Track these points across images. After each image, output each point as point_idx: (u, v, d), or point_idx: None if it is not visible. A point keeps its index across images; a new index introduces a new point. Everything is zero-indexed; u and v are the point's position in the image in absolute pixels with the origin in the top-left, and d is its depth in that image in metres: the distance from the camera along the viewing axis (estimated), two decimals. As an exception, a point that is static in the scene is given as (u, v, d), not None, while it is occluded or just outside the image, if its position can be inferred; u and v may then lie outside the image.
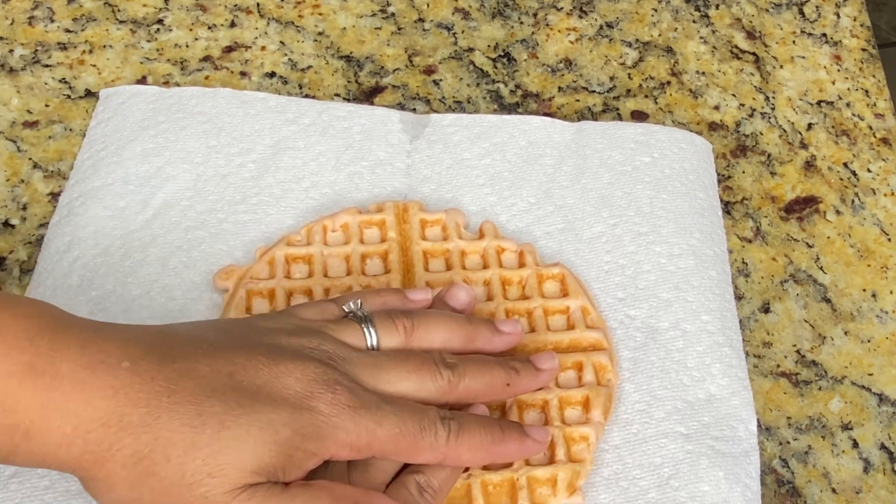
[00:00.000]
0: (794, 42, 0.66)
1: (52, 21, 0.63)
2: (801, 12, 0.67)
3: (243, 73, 0.62)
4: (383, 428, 0.39)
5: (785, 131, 0.61)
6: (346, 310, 0.44)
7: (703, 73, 0.64)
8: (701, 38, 0.66)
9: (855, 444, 0.50)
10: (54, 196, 0.55)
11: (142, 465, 0.36)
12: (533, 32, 0.65)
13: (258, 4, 0.65)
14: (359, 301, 0.44)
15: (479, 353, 0.45)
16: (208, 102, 0.58)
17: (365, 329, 0.43)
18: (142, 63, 0.62)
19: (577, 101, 0.62)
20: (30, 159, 0.57)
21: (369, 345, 0.43)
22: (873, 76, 0.64)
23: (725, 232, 0.56)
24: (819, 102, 0.63)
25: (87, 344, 0.37)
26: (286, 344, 0.40)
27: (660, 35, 0.66)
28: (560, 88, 0.62)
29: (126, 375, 0.37)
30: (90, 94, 0.60)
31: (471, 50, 0.64)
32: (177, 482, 0.36)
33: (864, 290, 0.55)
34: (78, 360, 0.36)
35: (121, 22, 0.64)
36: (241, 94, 0.58)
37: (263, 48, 0.63)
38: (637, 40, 0.65)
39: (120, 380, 0.36)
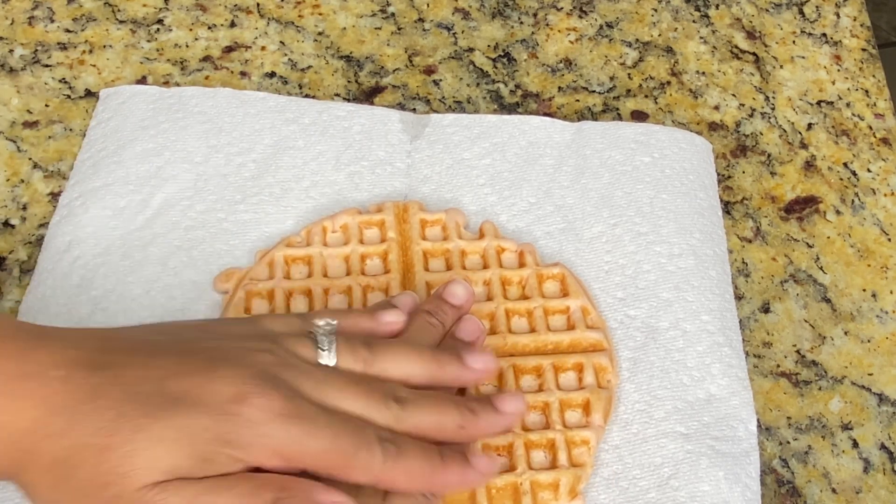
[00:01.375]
0: (794, 42, 0.66)
1: (52, 21, 0.63)
2: (801, 12, 0.67)
3: (243, 73, 0.62)
4: (316, 441, 0.38)
5: (785, 131, 0.61)
6: (314, 327, 0.42)
7: (703, 73, 0.64)
8: (701, 38, 0.66)
9: (855, 444, 0.50)
10: (54, 196, 0.56)
11: (60, 469, 0.36)
12: (533, 32, 0.65)
13: (258, 4, 0.65)
14: (328, 320, 0.43)
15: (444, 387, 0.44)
16: (208, 102, 0.58)
17: (324, 350, 0.41)
18: (142, 63, 0.62)
19: (577, 101, 0.62)
20: (30, 159, 0.57)
21: (321, 361, 0.41)
22: (873, 76, 0.64)
23: (725, 232, 0.56)
24: (819, 102, 0.63)
25: (23, 355, 0.38)
26: (230, 348, 0.40)
27: (660, 35, 0.66)
28: (560, 88, 0.62)
29: (56, 384, 0.37)
30: (90, 94, 0.60)
31: (471, 50, 0.64)
32: (91, 483, 0.36)
33: (864, 290, 0.55)
34: (12, 371, 0.37)
35: (121, 22, 0.64)
36: (241, 93, 0.58)
37: (263, 48, 0.63)
38: (637, 40, 0.65)
39: (48, 388, 0.37)
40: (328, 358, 0.41)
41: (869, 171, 0.60)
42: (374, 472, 0.39)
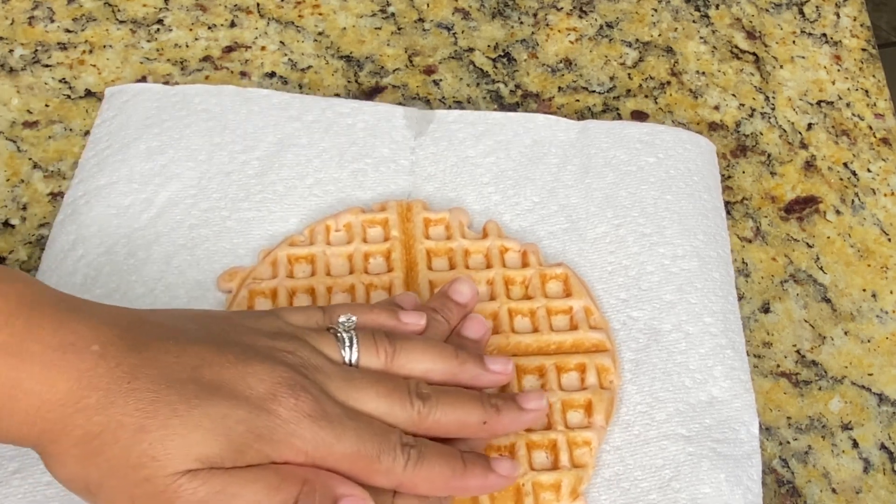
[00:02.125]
0: (794, 42, 0.66)
1: (52, 21, 0.63)
2: (801, 12, 0.68)
3: (243, 73, 0.62)
4: (341, 444, 0.39)
5: (785, 131, 0.61)
6: (335, 322, 0.43)
7: (703, 73, 0.64)
8: (701, 38, 0.66)
9: (855, 444, 0.50)
10: (54, 196, 0.55)
11: (92, 444, 0.36)
12: (533, 32, 0.65)
13: (258, 4, 0.65)
14: (349, 316, 0.43)
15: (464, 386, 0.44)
16: (212, 100, 0.58)
17: (346, 347, 0.42)
18: (142, 63, 0.62)
19: (577, 101, 0.62)
20: (30, 159, 0.57)
21: (347, 361, 0.42)
22: (873, 76, 0.64)
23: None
24: (819, 102, 0.63)
25: (61, 325, 0.38)
26: (261, 345, 0.40)
27: (660, 35, 0.66)
28: (560, 88, 0.62)
29: (92, 359, 0.37)
30: (90, 94, 0.60)
31: (471, 50, 0.64)
32: (123, 463, 0.36)
33: (864, 290, 0.55)
34: (49, 341, 0.37)
35: (121, 22, 0.64)
36: (245, 91, 0.58)
37: (263, 48, 0.63)
38: (637, 40, 0.65)
39: (86, 363, 0.37)
40: (350, 354, 0.42)
41: (869, 171, 0.60)
42: (396, 476, 0.40)
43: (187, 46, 0.63)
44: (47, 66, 0.61)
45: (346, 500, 0.38)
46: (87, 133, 0.58)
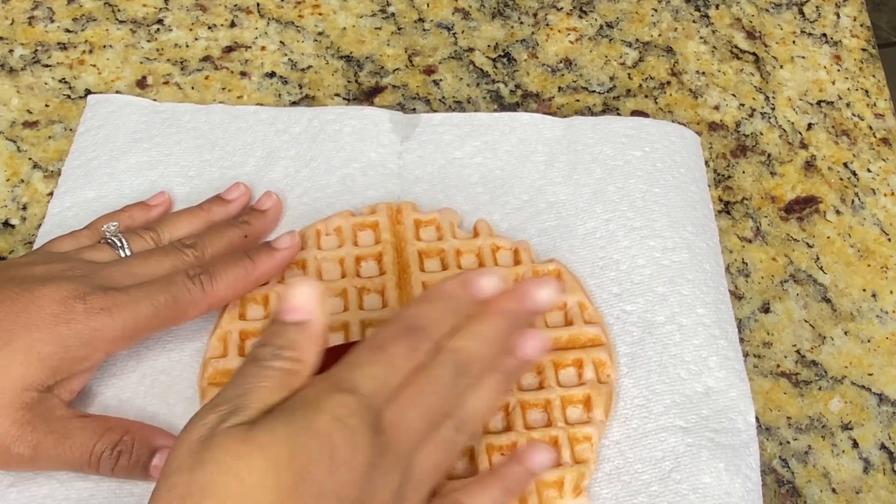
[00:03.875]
0: (794, 42, 0.66)
1: (52, 21, 0.63)
2: (801, 12, 0.68)
3: (243, 73, 0.62)
4: (141, 311, 0.43)
5: (785, 131, 0.61)
6: (102, 234, 0.48)
7: (703, 73, 0.64)
8: (701, 38, 0.66)
9: (855, 444, 0.50)
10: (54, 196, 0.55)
11: None
12: (533, 32, 0.65)
13: (258, 4, 0.65)
14: (110, 224, 0.49)
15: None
16: (202, 118, 0.58)
17: (118, 248, 0.47)
18: (142, 63, 0.62)
19: (577, 101, 0.62)
20: (30, 159, 0.57)
21: (122, 256, 0.47)
22: (873, 76, 0.64)
23: (725, 232, 0.56)
24: (819, 102, 0.63)
25: None
26: (38, 272, 0.44)
27: (660, 35, 0.66)
28: (560, 88, 0.62)
29: None
30: (90, 94, 0.60)
31: (471, 50, 0.64)
32: None
33: (864, 290, 0.55)
34: None
35: (121, 22, 0.64)
36: (233, 109, 0.58)
37: (263, 48, 0.63)
38: (637, 40, 0.65)
39: None
40: (124, 252, 0.47)
41: (869, 171, 0.60)
42: (203, 302, 0.45)
43: (187, 46, 0.63)
44: (47, 66, 0.61)
45: (162, 451, 0.43)
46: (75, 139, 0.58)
